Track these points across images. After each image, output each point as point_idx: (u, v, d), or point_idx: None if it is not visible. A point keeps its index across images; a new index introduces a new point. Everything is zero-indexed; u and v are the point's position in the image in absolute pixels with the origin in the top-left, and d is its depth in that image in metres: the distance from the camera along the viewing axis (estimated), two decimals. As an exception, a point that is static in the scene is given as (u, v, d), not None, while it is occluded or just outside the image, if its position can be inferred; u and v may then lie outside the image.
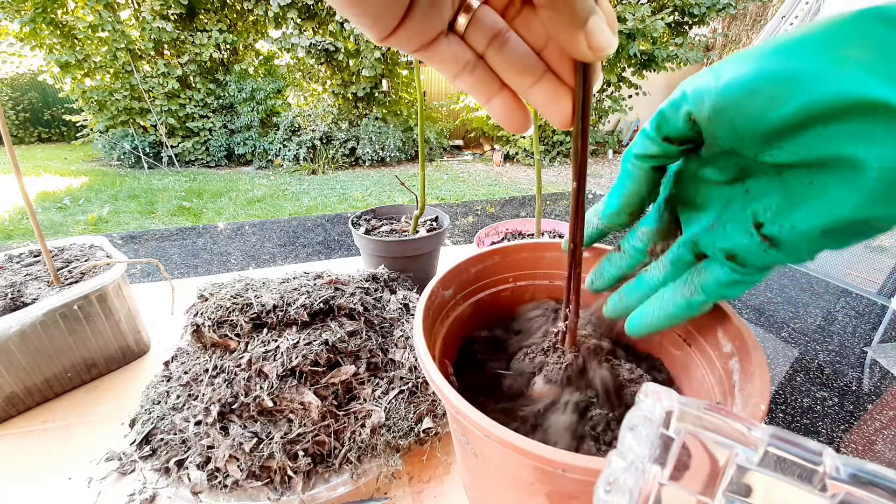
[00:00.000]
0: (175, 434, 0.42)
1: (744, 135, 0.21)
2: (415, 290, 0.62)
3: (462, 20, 0.22)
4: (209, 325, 0.44)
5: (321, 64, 5.86)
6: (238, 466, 0.38)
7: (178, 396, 0.44)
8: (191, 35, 5.45)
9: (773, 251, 0.23)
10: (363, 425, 0.42)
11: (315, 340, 0.43)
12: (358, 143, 5.84)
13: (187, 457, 0.40)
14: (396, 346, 0.49)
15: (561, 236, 0.76)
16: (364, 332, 0.47)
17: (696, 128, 0.22)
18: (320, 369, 0.43)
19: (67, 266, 0.59)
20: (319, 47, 5.47)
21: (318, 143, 5.68)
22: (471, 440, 0.28)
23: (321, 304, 0.46)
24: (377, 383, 0.45)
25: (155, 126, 5.61)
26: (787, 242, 0.22)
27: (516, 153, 6.27)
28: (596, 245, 0.44)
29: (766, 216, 0.22)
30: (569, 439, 0.32)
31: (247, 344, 0.44)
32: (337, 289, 0.50)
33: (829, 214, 0.20)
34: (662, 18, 5.33)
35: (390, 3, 0.19)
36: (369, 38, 0.21)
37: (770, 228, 0.22)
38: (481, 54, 0.23)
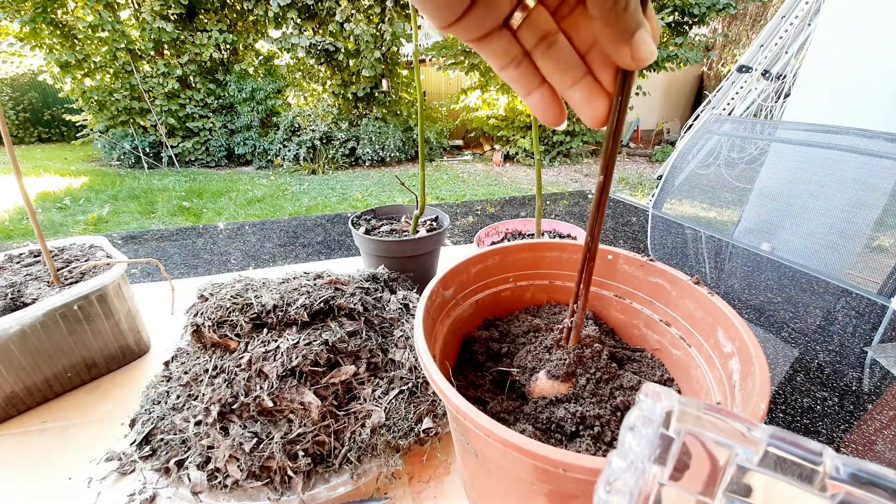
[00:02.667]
0: (175, 434, 0.41)
1: None
2: (415, 290, 0.62)
3: (517, 17, 0.23)
4: (209, 325, 0.44)
5: (321, 64, 5.86)
6: (238, 466, 0.38)
7: (178, 396, 0.44)
8: (191, 35, 5.45)
9: None
10: (363, 425, 0.42)
11: (315, 340, 0.43)
12: (358, 143, 5.84)
13: (187, 457, 0.40)
14: (396, 346, 0.49)
15: (561, 237, 0.76)
16: (364, 332, 0.47)
17: None
18: (320, 369, 0.43)
19: (67, 266, 0.59)
20: (319, 47, 5.47)
21: (318, 143, 5.68)
22: (471, 440, 0.28)
23: (321, 305, 0.46)
24: (377, 383, 0.45)
25: (155, 126, 5.61)
26: None
27: (516, 153, 6.27)
28: (602, 248, 0.44)
29: None
30: (569, 438, 0.32)
31: (247, 344, 0.44)
32: (337, 289, 0.50)
33: None
34: (662, 18, 5.33)
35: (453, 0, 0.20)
36: (432, 24, 0.22)
37: None
38: (529, 51, 0.24)
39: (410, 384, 0.45)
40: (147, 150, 5.62)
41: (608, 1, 0.20)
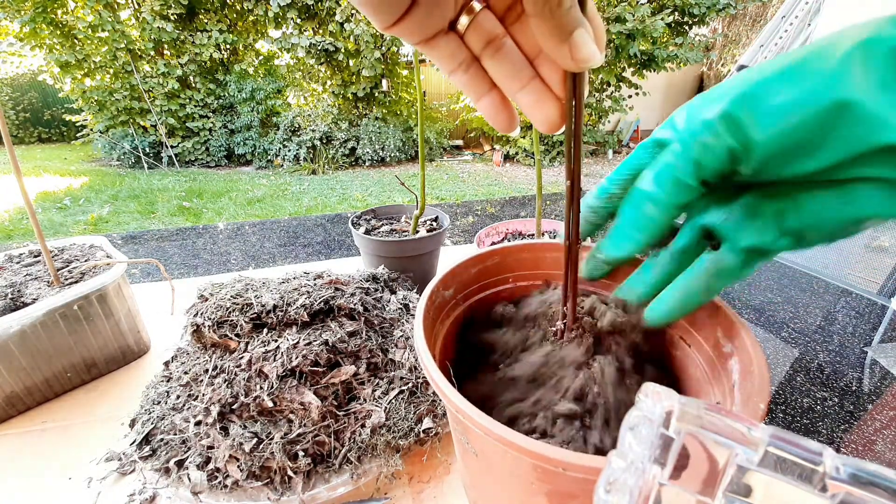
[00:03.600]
0: (175, 434, 0.42)
1: (786, 163, 0.21)
2: (415, 290, 0.62)
3: (463, 21, 0.23)
4: (209, 325, 0.44)
5: (321, 64, 5.86)
6: (238, 466, 0.38)
7: (178, 396, 0.44)
8: (191, 35, 5.45)
9: (793, 241, 0.24)
10: (363, 425, 0.42)
11: (315, 341, 0.43)
12: (358, 143, 5.84)
13: (187, 457, 0.40)
14: (396, 346, 0.49)
15: (561, 236, 0.76)
16: (364, 333, 0.47)
17: (738, 163, 0.22)
18: (320, 369, 0.43)
19: (67, 266, 0.59)
20: (319, 47, 5.47)
21: (318, 143, 5.68)
22: (471, 439, 0.28)
23: (321, 305, 0.46)
24: (377, 383, 0.45)
25: (155, 126, 5.61)
26: (809, 237, 0.23)
27: (516, 153, 6.27)
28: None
29: (789, 216, 0.23)
30: (568, 438, 0.32)
31: (247, 344, 0.44)
32: (337, 289, 0.50)
33: (857, 213, 0.21)
34: (662, 18, 5.33)
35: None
36: (374, 26, 0.22)
37: (792, 223, 0.23)
38: (477, 56, 0.24)
39: (410, 384, 0.45)
40: (147, 150, 5.62)
41: None
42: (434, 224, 0.79)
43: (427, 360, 0.30)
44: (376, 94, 6.06)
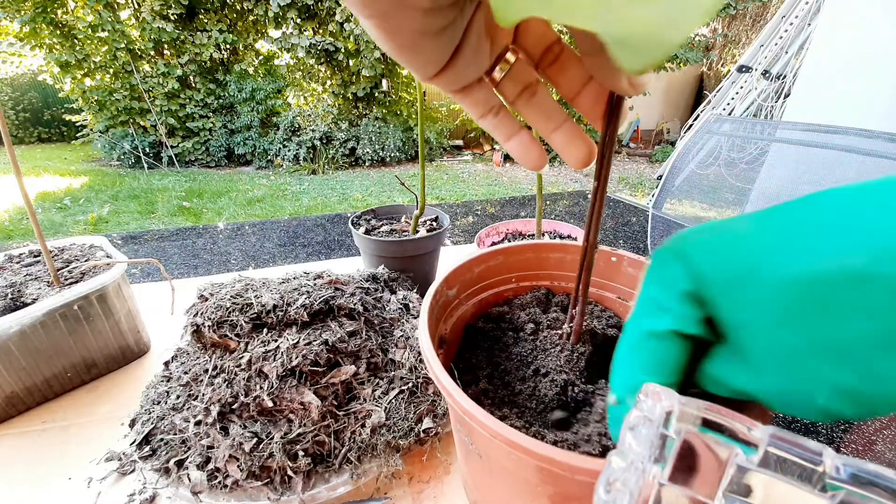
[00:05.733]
0: (175, 434, 0.41)
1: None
2: (415, 290, 0.62)
3: (499, 72, 0.24)
4: (209, 325, 0.44)
5: (321, 64, 5.85)
6: (238, 466, 0.38)
7: (178, 396, 0.44)
8: (191, 35, 5.45)
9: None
10: (363, 425, 0.42)
11: (315, 340, 0.43)
12: (358, 143, 5.84)
13: (187, 457, 0.40)
14: (396, 346, 0.49)
15: (562, 237, 0.76)
16: (364, 332, 0.47)
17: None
18: (320, 369, 0.43)
19: (67, 266, 0.59)
20: (319, 47, 5.47)
21: (318, 143, 5.68)
22: (475, 440, 0.28)
23: (321, 304, 0.46)
24: (377, 383, 0.45)
25: (155, 126, 5.61)
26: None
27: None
28: (603, 248, 0.44)
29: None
30: (574, 440, 0.32)
31: (247, 344, 0.44)
32: (337, 289, 0.50)
33: None
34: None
35: (438, 52, 0.21)
36: (415, 77, 0.23)
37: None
38: (512, 101, 0.25)
39: (410, 384, 0.45)
40: (147, 150, 5.62)
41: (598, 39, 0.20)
42: (434, 224, 0.78)
43: (432, 359, 0.30)
44: (376, 94, 6.06)
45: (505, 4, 0.14)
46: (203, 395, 0.42)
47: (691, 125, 5.26)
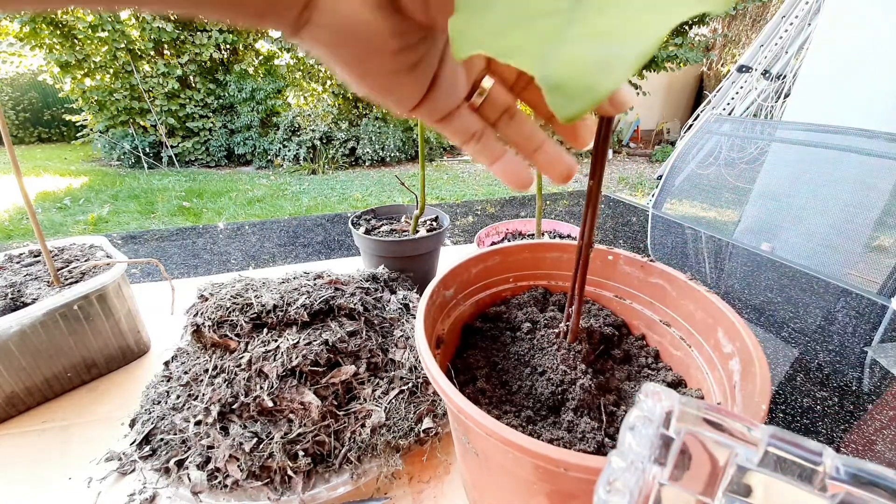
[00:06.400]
0: (175, 434, 0.42)
1: None
2: (415, 290, 0.62)
3: (477, 98, 0.25)
4: (209, 325, 0.44)
5: (321, 64, 5.84)
6: (238, 466, 0.38)
7: (178, 396, 0.44)
8: (191, 35, 5.44)
9: None
10: (363, 425, 0.42)
11: (315, 340, 0.43)
12: (358, 143, 5.84)
13: (187, 457, 0.40)
14: (396, 346, 0.49)
15: (561, 237, 0.76)
16: (364, 332, 0.47)
17: None
18: (320, 369, 0.43)
19: (67, 266, 0.59)
20: (319, 47, 5.46)
21: (318, 143, 5.68)
22: (472, 439, 0.28)
23: (321, 305, 0.46)
24: (377, 383, 0.45)
25: (155, 126, 5.61)
26: None
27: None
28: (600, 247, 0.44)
29: None
30: (569, 438, 0.32)
31: (247, 344, 0.44)
32: (337, 289, 0.50)
33: None
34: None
35: (414, 87, 0.22)
36: (394, 113, 0.24)
37: None
38: (493, 123, 0.26)
39: (410, 384, 0.45)
40: (147, 150, 5.62)
41: None
42: (434, 224, 0.78)
43: (429, 360, 0.30)
44: (376, 94, 6.05)
45: (460, 39, 0.15)
46: (203, 394, 0.42)
47: (691, 125, 5.26)
